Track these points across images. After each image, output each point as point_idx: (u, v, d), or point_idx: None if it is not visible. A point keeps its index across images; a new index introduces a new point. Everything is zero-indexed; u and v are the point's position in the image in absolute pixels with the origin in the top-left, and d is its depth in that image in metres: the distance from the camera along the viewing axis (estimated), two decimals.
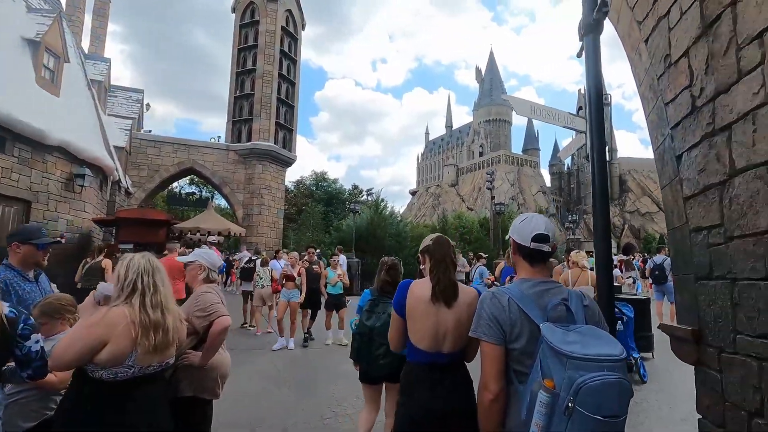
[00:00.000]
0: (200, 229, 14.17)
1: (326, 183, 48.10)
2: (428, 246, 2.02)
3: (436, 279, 1.86)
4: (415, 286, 1.92)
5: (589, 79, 2.48)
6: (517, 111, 6.74)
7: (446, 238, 2.07)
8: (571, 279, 4.93)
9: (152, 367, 1.87)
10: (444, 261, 1.91)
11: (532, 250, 1.50)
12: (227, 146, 20.57)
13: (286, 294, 7.21)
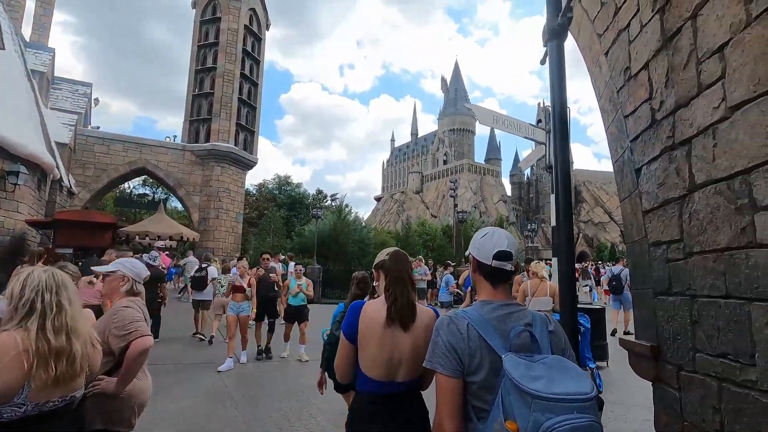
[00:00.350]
0: (149, 233, 13.30)
1: (290, 187, 47.19)
2: (383, 261, 1.83)
3: (392, 299, 1.66)
4: (369, 307, 1.72)
5: (553, 85, 2.39)
6: (480, 120, 6.76)
7: (404, 254, 1.89)
8: (530, 289, 4.92)
9: (52, 402, 1.57)
10: (401, 279, 1.73)
11: (494, 269, 1.36)
12: (183, 146, 19.61)
13: (235, 307, 6.52)
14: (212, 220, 19.28)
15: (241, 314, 6.55)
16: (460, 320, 1.28)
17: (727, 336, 1.82)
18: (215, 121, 19.73)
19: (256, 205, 35.81)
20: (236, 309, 6.55)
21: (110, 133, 18.34)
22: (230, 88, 20.14)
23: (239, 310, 6.55)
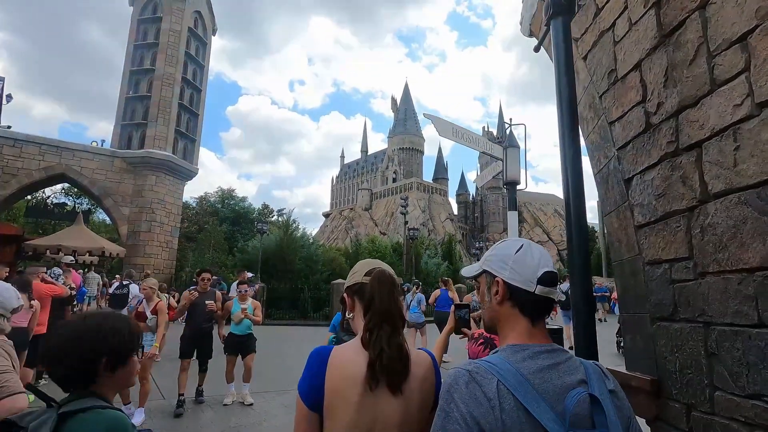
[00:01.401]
0: (63, 247, 11.64)
1: (233, 201, 44.96)
2: (360, 285, 1.30)
3: (378, 348, 1.14)
4: (339, 356, 1.18)
5: (559, 72, 2.06)
6: (439, 131, 6.50)
7: (391, 274, 1.30)
8: None
9: None
10: (390, 314, 1.19)
11: (538, 299, 0.93)
12: (113, 152, 17.81)
13: None
14: (143, 234, 17.55)
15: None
16: (484, 377, 0.83)
17: (761, 374, 1.52)
18: (151, 126, 18.20)
19: (196, 219, 33.51)
20: None
21: (23, 134, 16.20)
22: (170, 92, 18.76)
23: None
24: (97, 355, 1.18)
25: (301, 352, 6.50)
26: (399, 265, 21.92)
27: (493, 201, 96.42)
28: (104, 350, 1.19)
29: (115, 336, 1.22)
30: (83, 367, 1.17)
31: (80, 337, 1.18)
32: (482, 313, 1.05)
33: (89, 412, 1.11)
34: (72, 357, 1.15)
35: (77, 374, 1.17)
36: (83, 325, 1.21)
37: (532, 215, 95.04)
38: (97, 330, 1.21)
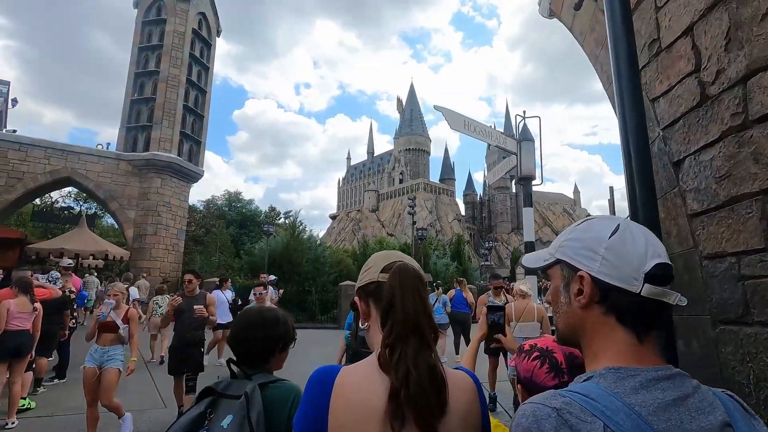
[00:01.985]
0: (66, 251, 11.50)
1: (240, 204, 44.99)
2: (377, 284, 0.98)
3: (402, 369, 0.84)
4: (349, 380, 0.88)
5: (614, 25, 1.76)
6: (450, 124, 6.21)
7: (415, 269, 0.99)
8: (515, 313, 4.33)
9: None
10: (417, 325, 0.89)
11: (645, 303, 0.65)
12: (118, 155, 17.73)
13: (97, 356, 4.15)
14: (149, 237, 17.43)
15: (105, 366, 4.10)
16: (582, 419, 0.54)
17: None
18: (156, 128, 18.10)
19: (203, 222, 33.52)
20: (98, 358, 4.13)
21: (28, 138, 16.17)
22: (174, 94, 18.65)
23: (103, 360, 4.12)
24: (275, 340, 1.49)
25: (309, 356, 6.14)
26: None
27: (501, 201, 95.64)
28: (279, 336, 1.50)
29: (285, 325, 1.54)
30: (266, 349, 1.47)
31: (264, 325, 1.49)
32: (556, 318, 0.76)
33: (278, 383, 1.38)
34: (259, 340, 1.45)
35: (260, 354, 1.46)
36: (264, 316, 1.52)
37: (541, 215, 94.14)
38: (275, 321, 1.52)
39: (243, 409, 1.24)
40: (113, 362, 4.16)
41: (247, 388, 1.29)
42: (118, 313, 4.29)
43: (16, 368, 4.86)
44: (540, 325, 4.23)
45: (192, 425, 1.26)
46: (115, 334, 4.23)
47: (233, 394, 1.30)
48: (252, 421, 1.23)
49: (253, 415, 1.24)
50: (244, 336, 1.47)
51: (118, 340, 4.25)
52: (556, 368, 1.14)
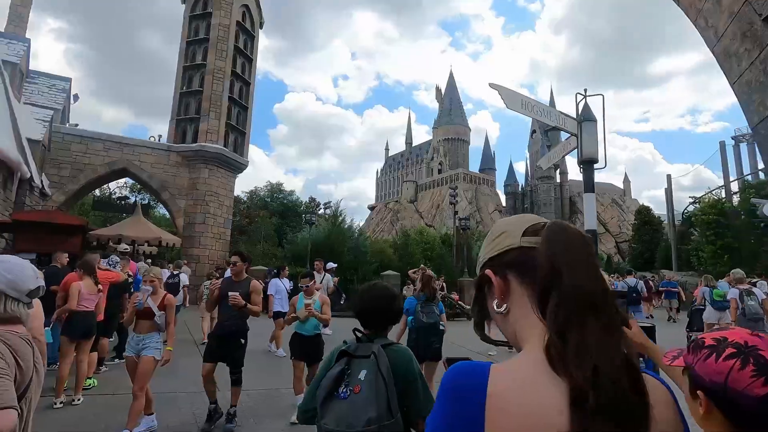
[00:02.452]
0: (124, 237, 12.05)
1: (282, 194, 46.02)
2: (520, 252, 0.73)
3: (587, 365, 0.56)
4: (509, 384, 0.61)
5: None
6: (506, 103, 5.71)
7: (575, 228, 0.73)
8: None
9: None
10: (594, 299, 0.61)
11: None
12: (169, 147, 18.41)
13: (134, 344, 4.04)
14: (198, 226, 18.02)
15: (143, 354, 3.95)
16: None
17: None
18: (204, 120, 18.59)
19: (247, 213, 34.55)
20: (135, 346, 4.02)
21: (89, 131, 17.11)
22: (220, 86, 19.06)
23: (141, 348, 3.98)
24: (395, 313, 1.81)
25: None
26: (448, 257, 21.16)
27: (544, 191, 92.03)
28: (399, 310, 1.87)
29: (400, 302, 1.91)
30: (387, 319, 1.76)
31: (388, 299, 1.81)
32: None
33: (395, 346, 1.67)
34: (383, 311, 1.75)
35: (382, 323, 1.73)
36: (389, 292, 1.85)
37: None
38: (395, 297, 1.86)
39: (374, 365, 1.52)
40: (148, 350, 3.97)
41: (373, 348, 1.58)
42: (154, 299, 4.09)
43: (83, 348, 5.02)
44: None
45: (336, 380, 1.54)
46: (152, 321, 4.04)
47: (363, 354, 1.58)
48: (383, 373, 1.50)
49: (383, 368, 1.52)
50: (372, 306, 1.78)
51: (155, 327, 4.06)
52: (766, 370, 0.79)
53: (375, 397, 1.47)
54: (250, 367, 6.51)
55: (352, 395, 1.50)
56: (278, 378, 5.92)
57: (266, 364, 7.09)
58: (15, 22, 16.83)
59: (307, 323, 4.59)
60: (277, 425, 4.34)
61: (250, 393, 5.33)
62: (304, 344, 4.58)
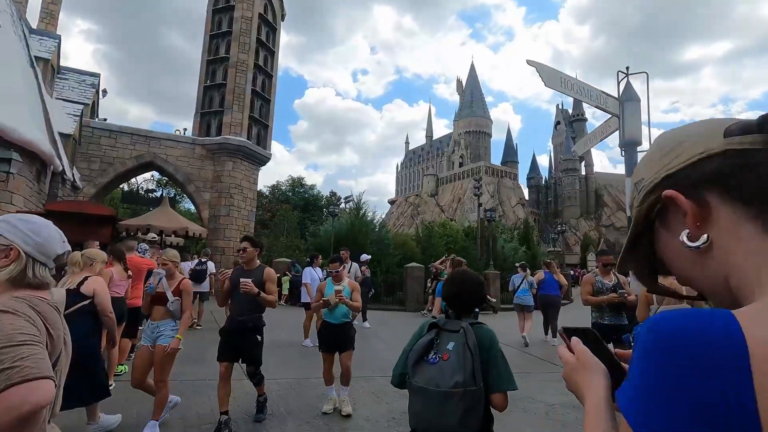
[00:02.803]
0: (152, 227, 12.22)
1: (303, 189, 46.36)
2: (723, 157, 0.49)
3: None
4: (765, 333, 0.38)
5: None
6: (545, 81, 5.38)
7: None
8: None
9: None
10: None
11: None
12: (193, 140, 18.61)
13: (149, 332, 3.77)
14: (223, 218, 18.21)
15: (158, 343, 3.65)
16: None
17: None
18: (227, 113, 18.71)
19: (269, 207, 34.88)
20: (150, 334, 3.73)
21: (117, 125, 17.44)
22: (243, 78, 19.12)
23: (156, 336, 3.69)
24: (481, 297, 2.03)
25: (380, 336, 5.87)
26: (473, 250, 20.77)
27: (568, 184, 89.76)
28: (483, 295, 2.08)
29: (484, 287, 2.12)
30: (474, 301, 1.99)
31: (476, 283, 2.03)
32: None
33: (480, 325, 1.86)
34: (471, 294, 1.98)
35: (469, 304, 1.96)
36: (478, 278, 2.07)
37: (614, 199, 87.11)
38: (482, 282, 2.09)
39: (462, 338, 1.70)
40: (164, 339, 3.63)
41: (462, 324, 1.77)
42: (170, 284, 3.78)
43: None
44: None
45: (426, 347, 1.72)
46: (164, 307, 3.71)
47: (451, 329, 1.77)
48: (470, 346, 1.68)
49: (470, 342, 1.69)
50: (461, 289, 1.96)
51: (170, 314, 3.73)
52: None
53: (462, 365, 1.66)
54: (277, 356, 6.45)
55: (441, 361, 1.70)
56: (307, 369, 5.80)
57: (295, 354, 7.00)
58: (46, 20, 17.27)
59: (336, 311, 4.31)
60: (307, 414, 4.19)
61: (279, 382, 5.23)
62: (333, 333, 4.33)
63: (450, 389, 1.62)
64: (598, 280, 4.98)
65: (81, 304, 3.41)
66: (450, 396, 1.61)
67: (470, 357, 1.67)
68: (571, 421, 4.23)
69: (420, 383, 1.68)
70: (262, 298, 3.78)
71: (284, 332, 8.83)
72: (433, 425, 1.65)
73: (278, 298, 15.90)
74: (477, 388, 1.65)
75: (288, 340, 7.98)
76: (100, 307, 3.54)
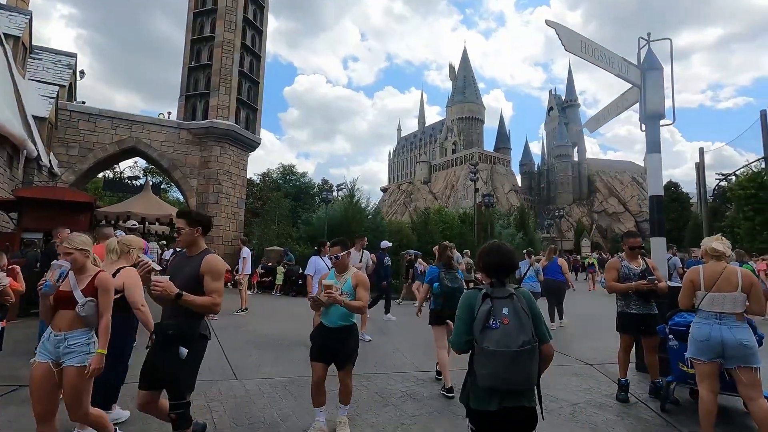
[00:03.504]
0: (132, 214, 11.53)
1: (294, 176, 45.46)
2: None
3: None
4: None
5: None
6: (565, 45, 4.78)
7: None
8: (704, 279, 3.06)
9: None
10: None
11: None
12: (179, 124, 17.74)
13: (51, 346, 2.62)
14: (211, 206, 17.49)
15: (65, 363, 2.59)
16: None
17: None
18: (213, 95, 17.84)
19: (260, 195, 34.02)
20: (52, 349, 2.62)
21: (97, 108, 16.51)
22: (230, 59, 18.21)
23: (62, 353, 2.61)
24: (516, 265, 2.27)
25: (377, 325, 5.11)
26: (470, 236, 20.35)
27: (561, 170, 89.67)
28: (517, 262, 2.52)
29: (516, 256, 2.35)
30: (511, 269, 2.16)
31: (512, 253, 2.20)
32: None
33: (521, 288, 2.07)
34: (510, 264, 2.14)
35: (507, 272, 2.12)
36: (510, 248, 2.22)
37: (606, 184, 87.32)
38: (514, 252, 2.26)
39: (514, 303, 1.96)
40: (74, 357, 2.58)
41: (510, 290, 2.01)
42: (80, 280, 2.70)
43: None
44: (746, 297, 2.95)
45: (487, 315, 1.95)
46: (73, 311, 2.63)
47: (501, 296, 1.98)
48: (524, 309, 1.95)
49: (524, 306, 1.96)
50: (501, 258, 2.14)
51: (81, 321, 2.65)
52: None
53: (522, 326, 1.89)
54: (269, 353, 5.92)
55: (502, 326, 1.89)
56: (306, 365, 5.28)
57: (289, 349, 6.46)
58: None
59: (330, 310, 3.38)
60: (304, 422, 3.67)
61: (271, 382, 4.71)
62: (327, 338, 3.41)
63: (519, 348, 1.85)
64: (624, 265, 4.48)
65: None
66: (519, 354, 1.85)
67: (527, 317, 1.92)
68: (600, 422, 3.77)
69: (491, 347, 1.87)
70: (186, 301, 2.58)
71: (278, 324, 8.33)
72: (510, 380, 1.86)
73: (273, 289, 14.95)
74: (537, 343, 1.92)
75: (281, 333, 7.47)
76: (130, 299, 3.29)
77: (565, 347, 6.59)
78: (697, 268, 3.20)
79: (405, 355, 6.22)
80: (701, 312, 3.17)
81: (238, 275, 10.35)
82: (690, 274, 3.21)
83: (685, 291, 3.27)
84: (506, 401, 1.89)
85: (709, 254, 3.16)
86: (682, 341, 3.75)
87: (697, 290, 3.17)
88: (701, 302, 3.15)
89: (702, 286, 3.15)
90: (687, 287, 3.26)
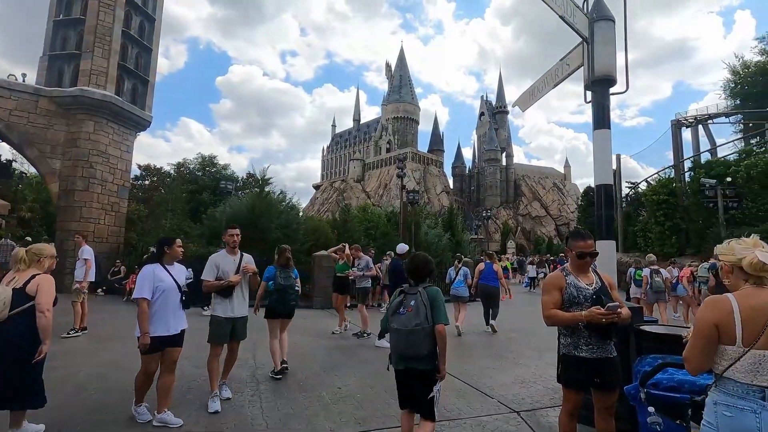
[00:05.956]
0: None
1: (215, 168, 41.27)
2: None
3: None
4: None
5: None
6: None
7: None
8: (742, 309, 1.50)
9: None
10: None
11: None
12: (37, 89, 14.08)
13: None
14: (80, 193, 14.12)
15: None
16: None
17: None
18: (86, 58, 14.44)
19: (173, 187, 29.89)
20: None
21: None
22: (110, 16, 14.89)
23: None
24: (431, 271, 3.05)
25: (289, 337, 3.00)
26: (396, 236, 18.85)
27: (490, 174, 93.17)
28: (432, 269, 3.09)
29: (432, 265, 3.14)
30: (426, 274, 3.01)
31: (428, 261, 3.06)
32: None
33: (430, 286, 2.94)
34: (425, 270, 3.00)
35: (423, 277, 2.98)
36: (426, 257, 3.08)
37: (531, 189, 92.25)
38: (431, 261, 3.09)
39: (419, 296, 2.83)
40: None
41: (419, 288, 2.89)
42: None
43: None
44: None
45: (397, 305, 2.89)
46: None
47: (412, 292, 2.89)
48: (424, 301, 2.80)
49: (424, 299, 2.81)
50: (417, 267, 3.00)
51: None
52: None
53: (418, 314, 2.79)
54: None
55: (407, 313, 2.82)
56: None
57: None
58: None
59: None
60: None
61: None
62: None
63: (413, 327, 2.76)
64: (570, 282, 2.92)
65: (28, 304, 3.04)
66: (412, 332, 2.76)
67: (424, 308, 2.80)
68: None
69: (396, 326, 2.84)
70: None
71: (110, 356, 5.93)
72: (407, 350, 2.79)
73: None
74: (429, 325, 2.77)
75: (101, 376, 5.16)
76: (37, 302, 3.09)
77: (488, 381, 5.06)
78: (724, 299, 1.64)
79: None
80: (733, 384, 1.62)
81: (77, 283, 7.71)
82: (713, 311, 1.64)
83: (701, 341, 1.69)
84: (409, 364, 2.82)
85: (749, 272, 1.63)
86: (669, 417, 2.24)
87: (726, 344, 1.61)
88: (734, 366, 1.60)
89: (739, 336, 1.58)
90: (704, 335, 1.68)
